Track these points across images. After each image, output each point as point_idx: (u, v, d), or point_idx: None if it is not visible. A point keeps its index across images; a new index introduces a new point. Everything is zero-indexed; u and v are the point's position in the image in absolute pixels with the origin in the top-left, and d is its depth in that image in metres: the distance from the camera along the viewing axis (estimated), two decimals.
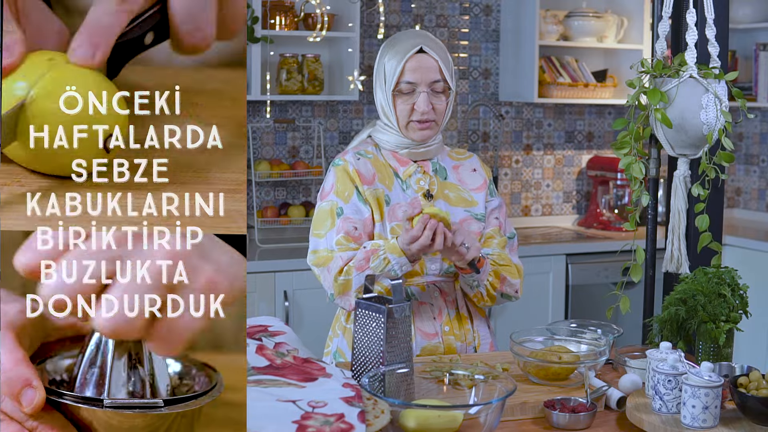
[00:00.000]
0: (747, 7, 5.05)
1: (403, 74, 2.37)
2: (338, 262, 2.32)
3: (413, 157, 2.46)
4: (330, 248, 2.35)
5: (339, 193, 2.39)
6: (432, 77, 2.37)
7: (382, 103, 2.42)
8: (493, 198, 2.52)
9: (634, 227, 2.53)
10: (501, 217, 2.51)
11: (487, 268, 2.36)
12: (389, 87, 2.38)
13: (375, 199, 2.38)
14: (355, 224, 2.36)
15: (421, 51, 2.37)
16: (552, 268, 4.47)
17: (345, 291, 2.31)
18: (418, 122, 2.39)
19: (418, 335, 2.38)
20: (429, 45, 2.39)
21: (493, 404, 1.71)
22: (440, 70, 2.38)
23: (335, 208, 2.38)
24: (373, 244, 2.30)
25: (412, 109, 2.38)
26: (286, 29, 4.30)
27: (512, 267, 2.44)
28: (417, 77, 2.37)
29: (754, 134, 5.34)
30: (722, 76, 2.45)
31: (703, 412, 1.77)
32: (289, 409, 1.64)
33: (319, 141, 4.58)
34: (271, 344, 1.97)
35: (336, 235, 2.35)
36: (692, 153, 2.53)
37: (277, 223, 4.43)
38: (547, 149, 5.14)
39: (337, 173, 2.41)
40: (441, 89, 2.39)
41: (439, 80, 2.38)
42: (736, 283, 2.21)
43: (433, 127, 2.41)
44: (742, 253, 4.57)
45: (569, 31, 4.91)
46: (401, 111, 2.39)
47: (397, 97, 2.39)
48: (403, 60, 2.36)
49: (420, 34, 2.43)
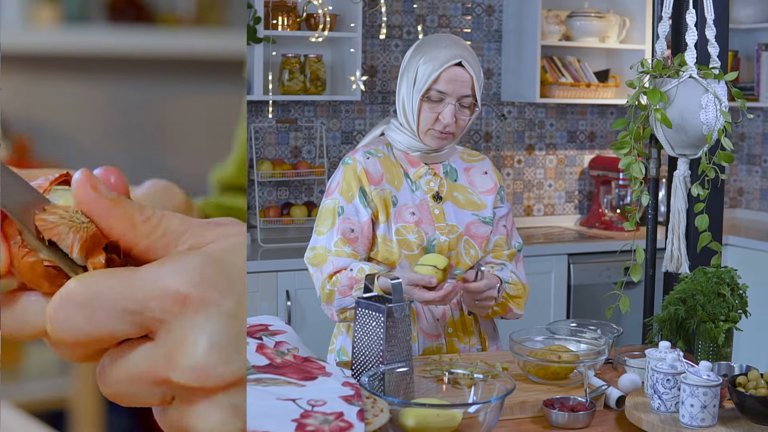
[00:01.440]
0: (749, 8, 5.05)
1: (437, 82, 2.33)
2: (329, 267, 2.33)
3: (425, 160, 2.45)
4: (327, 247, 2.36)
5: (343, 192, 2.39)
6: (463, 92, 2.35)
7: (406, 104, 2.39)
8: (502, 205, 2.50)
9: (635, 227, 2.54)
10: (508, 226, 2.51)
11: (499, 299, 2.38)
12: (419, 90, 2.35)
13: (382, 200, 2.38)
14: (353, 226, 2.36)
15: (459, 64, 2.35)
16: (554, 268, 4.48)
17: (328, 301, 2.34)
18: (438, 132, 2.37)
19: (420, 336, 2.38)
20: (468, 59, 2.36)
21: (492, 403, 1.71)
22: (473, 86, 2.36)
23: (337, 206, 2.38)
24: (358, 270, 2.29)
25: (436, 119, 2.36)
26: (289, 29, 4.31)
27: (522, 297, 2.48)
28: (450, 89, 2.34)
29: (757, 134, 5.35)
30: (722, 76, 2.46)
31: (701, 412, 1.77)
32: (289, 407, 1.64)
33: (322, 141, 4.59)
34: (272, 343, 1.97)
35: (335, 236, 2.36)
36: (692, 153, 2.53)
37: (280, 223, 4.44)
38: (549, 149, 5.15)
39: (345, 172, 2.41)
40: (468, 104, 2.37)
41: (469, 95, 2.36)
42: (736, 282, 2.22)
43: (450, 139, 2.40)
44: (744, 253, 4.57)
45: (571, 31, 4.92)
46: (425, 118, 2.37)
47: (424, 103, 2.36)
48: (441, 68, 2.32)
49: (461, 45, 2.39)
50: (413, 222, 2.36)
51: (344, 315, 2.34)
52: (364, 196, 2.37)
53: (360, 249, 2.36)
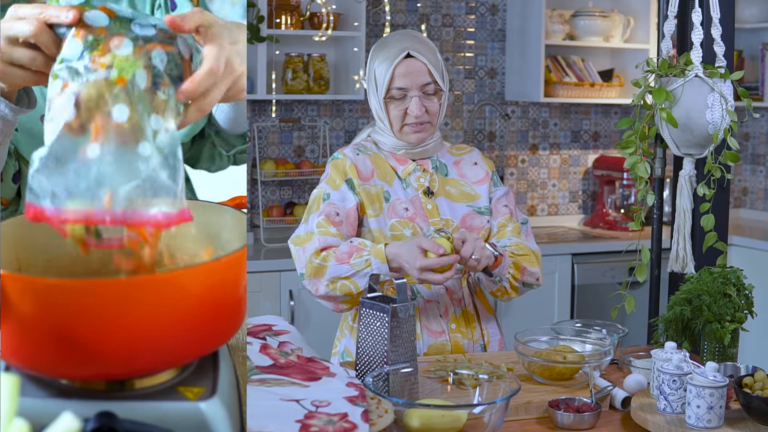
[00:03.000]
0: (753, 7, 5.03)
1: (393, 80, 2.36)
2: (315, 243, 2.30)
3: (412, 156, 2.46)
4: (309, 230, 2.35)
5: (330, 181, 2.40)
6: (422, 80, 2.36)
7: (376, 108, 2.42)
8: (497, 188, 2.51)
9: (640, 227, 2.53)
10: (510, 204, 2.49)
11: (506, 262, 2.34)
12: (381, 93, 2.38)
13: (370, 195, 2.38)
14: (338, 210, 2.35)
15: (409, 56, 2.36)
16: (558, 268, 4.47)
17: (317, 275, 2.29)
18: (412, 125, 2.39)
19: (424, 333, 2.38)
20: (416, 48, 2.37)
21: (497, 404, 1.70)
22: (429, 72, 2.37)
23: (323, 193, 2.38)
24: (360, 242, 2.28)
25: (405, 114, 2.38)
26: (292, 28, 4.30)
27: (531, 255, 2.43)
28: (407, 82, 2.35)
29: (761, 134, 5.33)
30: (728, 75, 2.45)
31: (707, 413, 1.76)
32: (293, 408, 1.63)
33: (325, 140, 4.58)
34: (275, 343, 1.97)
35: (317, 218, 2.35)
36: (698, 152, 2.52)
37: (283, 223, 4.44)
38: (553, 149, 5.14)
39: (333, 166, 2.43)
40: (432, 91, 2.38)
41: (430, 83, 2.37)
42: (742, 283, 2.21)
43: (427, 129, 2.41)
44: (748, 253, 4.56)
45: (575, 31, 4.91)
46: (394, 116, 2.39)
47: (390, 103, 2.38)
48: (392, 66, 2.35)
49: (407, 36, 2.41)
50: (407, 217, 2.37)
51: (334, 285, 2.28)
52: (352, 187, 2.38)
53: (344, 232, 2.35)
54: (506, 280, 2.37)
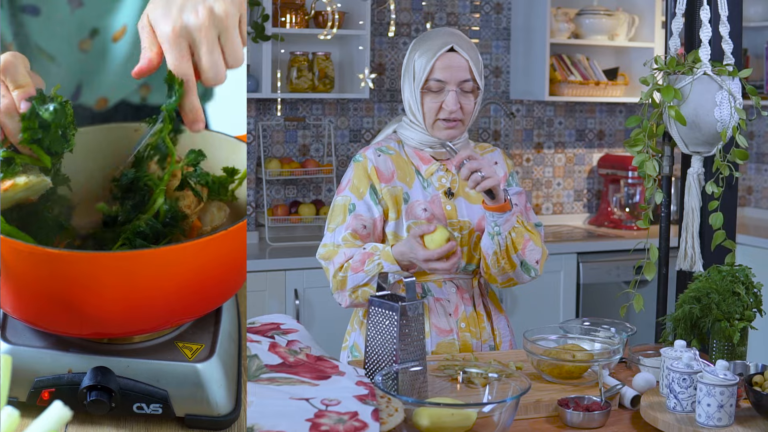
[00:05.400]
0: (758, 6, 5.03)
1: (433, 72, 2.35)
2: (341, 258, 2.32)
3: (437, 157, 2.45)
4: (336, 243, 2.36)
5: (354, 189, 2.39)
6: (461, 76, 2.36)
7: (410, 100, 2.41)
8: (510, 187, 2.49)
9: (647, 225, 2.53)
10: (521, 204, 2.44)
11: (514, 216, 2.30)
12: (418, 84, 2.37)
13: (392, 197, 2.38)
14: (365, 222, 2.36)
15: (452, 50, 2.36)
16: (563, 267, 4.46)
17: (341, 288, 2.32)
18: (445, 121, 2.38)
19: (433, 331, 2.37)
20: (460, 44, 2.37)
21: (507, 403, 1.70)
22: (470, 69, 2.37)
23: (348, 203, 2.38)
24: (372, 247, 2.30)
25: (439, 108, 2.37)
26: (297, 27, 4.29)
27: (536, 235, 2.38)
28: (446, 76, 2.35)
29: (766, 133, 5.32)
30: (736, 73, 2.44)
31: (718, 411, 1.76)
32: (303, 407, 1.63)
33: (330, 139, 4.58)
34: (284, 342, 1.96)
35: (344, 231, 2.36)
36: (706, 150, 2.52)
37: (288, 222, 4.43)
38: (558, 147, 5.13)
39: (355, 169, 2.41)
40: (470, 89, 2.38)
41: (469, 80, 2.37)
42: (750, 281, 2.21)
43: (459, 127, 2.40)
44: (753, 252, 4.55)
45: (580, 29, 4.90)
46: (429, 109, 2.38)
47: (426, 95, 2.38)
48: (434, 58, 2.35)
49: (452, 32, 2.41)
50: (425, 218, 2.36)
51: (356, 294, 2.30)
52: (375, 194, 2.38)
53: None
54: (504, 241, 2.30)
